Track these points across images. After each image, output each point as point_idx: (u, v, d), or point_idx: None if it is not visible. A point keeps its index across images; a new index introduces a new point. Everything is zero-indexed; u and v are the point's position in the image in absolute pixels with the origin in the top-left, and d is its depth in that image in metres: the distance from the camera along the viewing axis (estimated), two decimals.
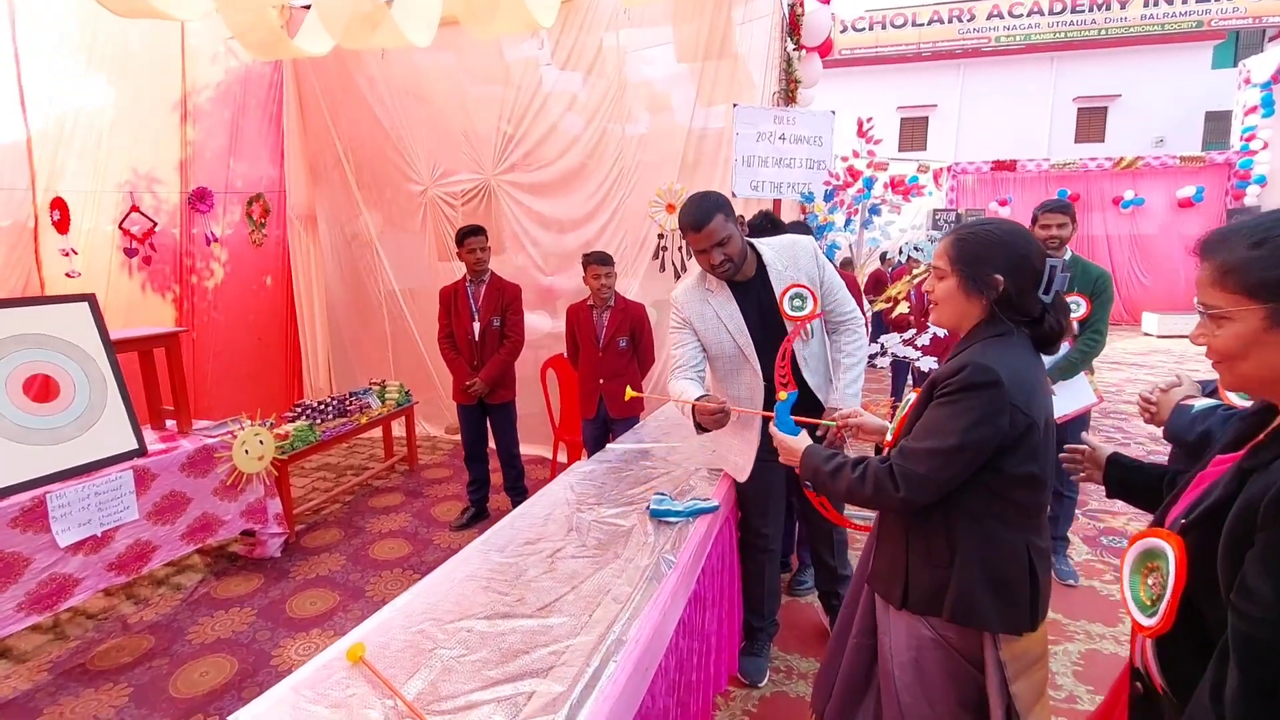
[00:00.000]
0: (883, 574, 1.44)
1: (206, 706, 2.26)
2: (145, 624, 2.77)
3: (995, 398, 1.20)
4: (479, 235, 3.45)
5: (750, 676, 2.38)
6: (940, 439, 1.24)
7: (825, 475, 1.46)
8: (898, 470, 1.30)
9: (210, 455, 3.01)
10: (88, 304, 2.80)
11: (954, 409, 1.24)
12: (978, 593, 1.27)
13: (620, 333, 3.36)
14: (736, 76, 3.83)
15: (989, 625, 1.27)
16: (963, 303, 1.32)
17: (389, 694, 1.22)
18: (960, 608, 1.28)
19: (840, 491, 1.42)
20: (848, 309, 2.23)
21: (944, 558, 1.30)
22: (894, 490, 1.29)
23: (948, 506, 1.29)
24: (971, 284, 1.30)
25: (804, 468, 1.52)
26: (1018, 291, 1.28)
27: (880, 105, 17.47)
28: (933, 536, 1.32)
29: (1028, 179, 13.14)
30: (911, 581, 1.35)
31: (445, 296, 3.59)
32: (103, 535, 2.58)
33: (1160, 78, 16.53)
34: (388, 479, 4.48)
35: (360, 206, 5.04)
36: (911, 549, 1.36)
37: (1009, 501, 1.27)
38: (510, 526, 1.99)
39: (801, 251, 2.15)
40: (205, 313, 4.54)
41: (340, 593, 3.00)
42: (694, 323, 2.18)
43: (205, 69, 4.34)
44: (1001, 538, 1.27)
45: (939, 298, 1.36)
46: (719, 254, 2.00)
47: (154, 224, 4.10)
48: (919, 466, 1.27)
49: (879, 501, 1.35)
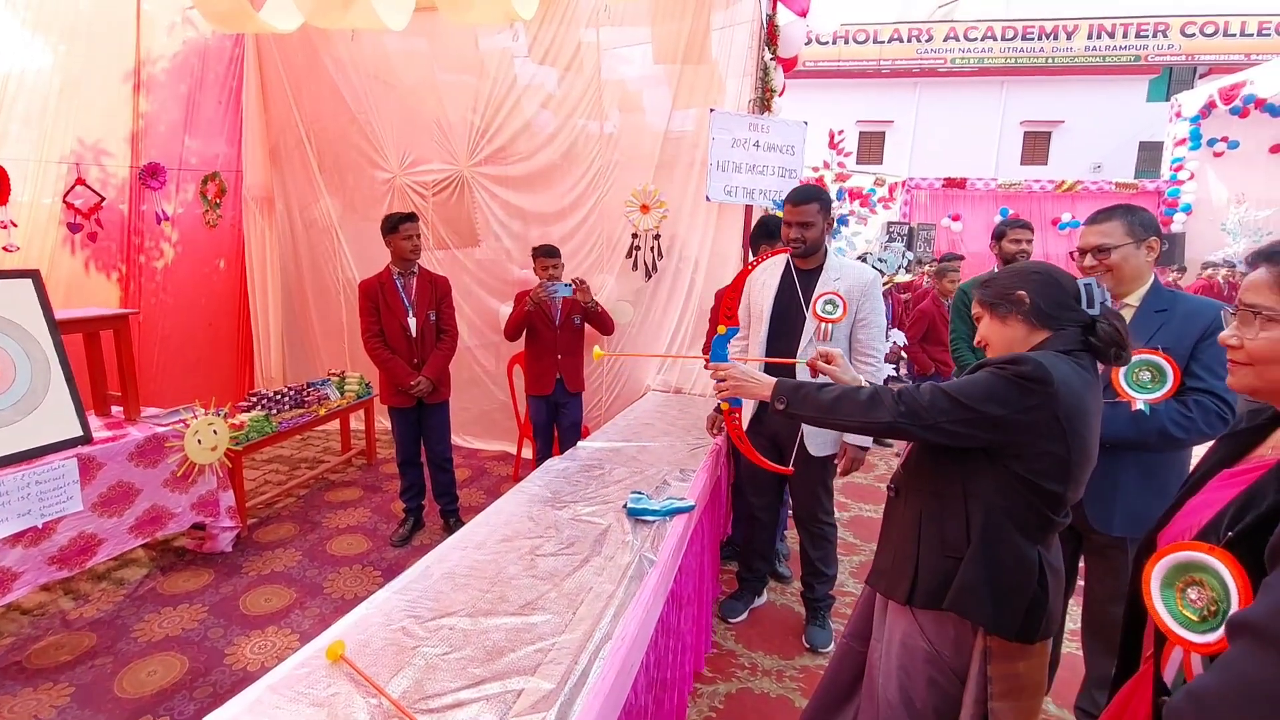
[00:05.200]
0: (886, 569, 1.43)
1: (156, 707, 2.16)
2: (86, 620, 2.62)
3: (1038, 393, 1.19)
4: (415, 221, 3.25)
5: (725, 612, 2.79)
6: (960, 390, 1.26)
7: (810, 387, 1.44)
8: (905, 392, 1.31)
9: (160, 444, 2.87)
10: (31, 281, 2.64)
11: (994, 379, 1.24)
12: (981, 588, 1.26)
13: (575, 311, 3.61)
14: (711, 82, 3.87)
15: (983, 621, 1.27)
16: (1001, 329, 1.36)
17: (373, 692, 1.20)
18: (960, 599, 1.28)
19: (825, 401, 1.40)
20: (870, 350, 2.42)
21: (959, 547, 1.31)
22: (890, 404, 1.31)
23: (969, 493, 1.30)
24: (999, 308, 1.35)
25: (781, 387, 1.48)
26: (1049, 303, 1.30)
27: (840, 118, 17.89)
28: (949, 525, 1.32)
29: (976, 196, 13.70)
30: (921, 572, 1.35)
31: (370, 291, 3.26)
32: (44, 527, 2.43)
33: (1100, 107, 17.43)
34: (344, 473, 4.35)
35: (321, 191, 4.88)
36: (924, 538, 1.36)
37: (1029, 509, 1.26)
38: (486, 524, 1.97)
39: (862, 278, 2.43)
40: (153, 294, 4.31)
41: (297, 589, 2.90)
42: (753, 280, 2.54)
43: (161, 39, 4.12)
44: (1016, 541, 1.27)
45: (984, 338, 1.41)
46: (796, 230, 2.38)
47: (101, 198, 3.88)
48: (924, 398, 1.28)
49: (869, 412, 1.33)
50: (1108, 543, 1.84)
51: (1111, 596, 1.87)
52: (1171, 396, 1.68)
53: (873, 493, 4.35)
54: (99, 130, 3.88)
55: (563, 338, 3.62)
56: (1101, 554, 1.89)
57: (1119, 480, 1.78)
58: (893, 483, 1.50)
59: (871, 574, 1.51)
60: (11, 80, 3.40)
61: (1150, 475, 1.77)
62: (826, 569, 2.66)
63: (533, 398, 3.71)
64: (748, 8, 3.67)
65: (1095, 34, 16.84)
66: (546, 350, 3.62)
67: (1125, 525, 1.79)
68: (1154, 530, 1.03)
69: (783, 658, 2.56)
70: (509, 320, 3.64)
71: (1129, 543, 1.80)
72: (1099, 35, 16.84)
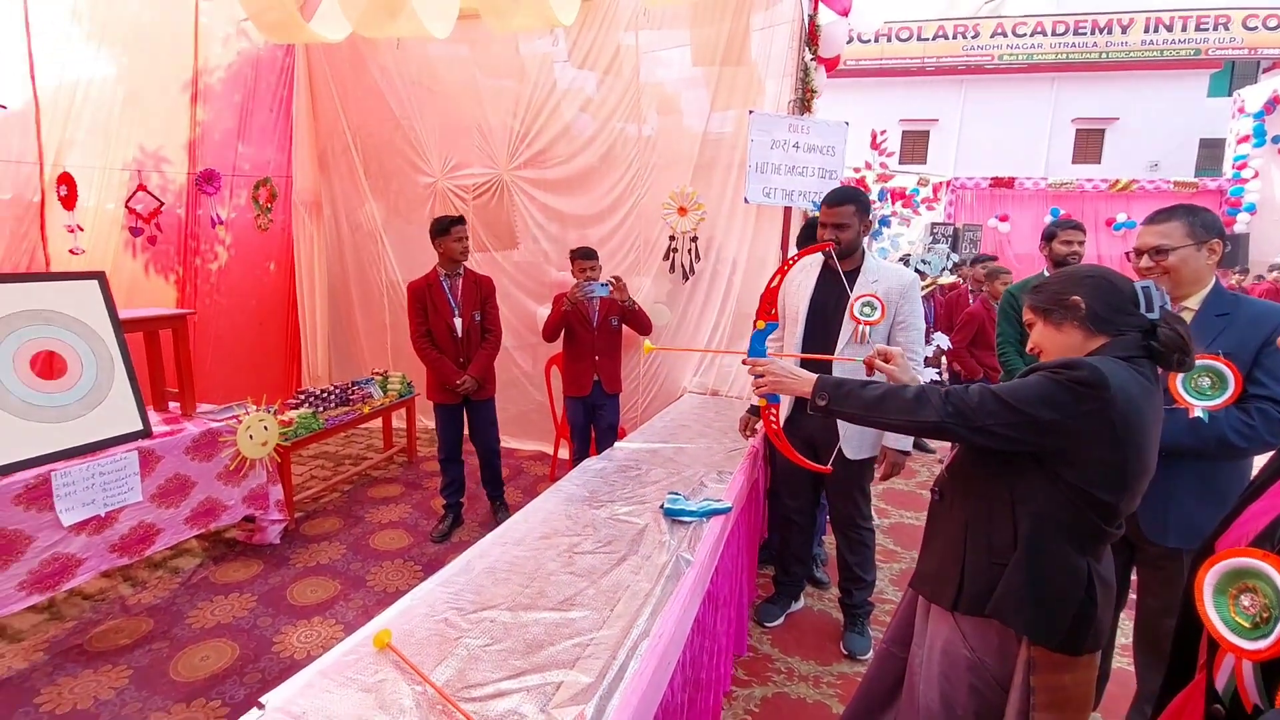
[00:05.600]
0: (931, 574, 1.40)
1: (208, 691, 2.25)
2: (144, 607, 2.74)
3: (1093, 398, 1.15)
4: (464, 224, 3.37)
5: (762, 616, 2.76)
6: (1009, 393, 1.22)
7: (852, 385, 1.41)
8: (953, 392, 1.27)
9: (215, 439, 2.99)
10: (97, 282, 2.78)
11: (1046, 383, 1.20)
12: (1025, 595, 1.24)
13: (613, 312, 3.63)
14: (750, 83, 3.86)
15: (1025, 628, 1.24)
16: (1055, 336, 1.32)
17: (418, 680, 1.23)
18: (1003, 605, 1.25)
19: (870, 398, 1.36)
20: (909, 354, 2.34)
21: (1006, 554, 1.27)
22: (938, 403, 1.27)
23: (1016, 499, 1.27)
24: (1054, 314, 1.32)
25: (823, 383, 1.45)
26: (1106, 308, 1.26)
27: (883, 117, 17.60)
28: (997, 530, 1.29)
29: (1025, 196, 13.30)
30: (967, 578, 1.31)
31: (418, 291, 3.37)
32: (106, 516, 2.56)
33: (1157, 103, 16.78)
34: (386, 469, 4.46)
35: (366, 195, 5.02)
36: (970, 545, 1.33)
37: (1081, 518, 1.23)
38: (525, 521, 2.00)
39: (901, 280, 2.42)
40: (208, 295, 4.49)
41: (341, 582, 2.99)
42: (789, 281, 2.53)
43: (217, 50, 4.30)
44: (1064, 551, 1.23)
45: (1037, 345, 1.37)
46: (831, 232, 2.39)
47: (160, 203, 4.06)
48: (973, 399, 1.24)
49: (915, 411, 1.29)
50: (1162, 554, 1.77)
51: (1165, 610, 1.80)
52: (1232, 404, 1.61)
53: (914, 499, 4.26)
54: (159, 138, 4.06)
55: (600, 339, 3.64)
56: (1155, 566, 1.82)
57: (1175, 490, 1.71)
58: (937, 486, 1.47)
59: (915, 578, 1.48)
60: (79, 91, 3.59)
61: (1208, 485, 1.69)
62: (865, 575, 2.61)
63: (570, 399, 3.74)
64: (788, 8, 3.65)
65: (1152, 27, 16.23)
66: (584, 352, 3.65)
67: (1180, 536, 1.72)
68: (1212, 537, 1.00)
69: (820, 663, 2.52)
70: (547, 321, 3.68)
71: (1185, 554, 1.72)
72: (1156, 29, 16.21)
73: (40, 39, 3.39)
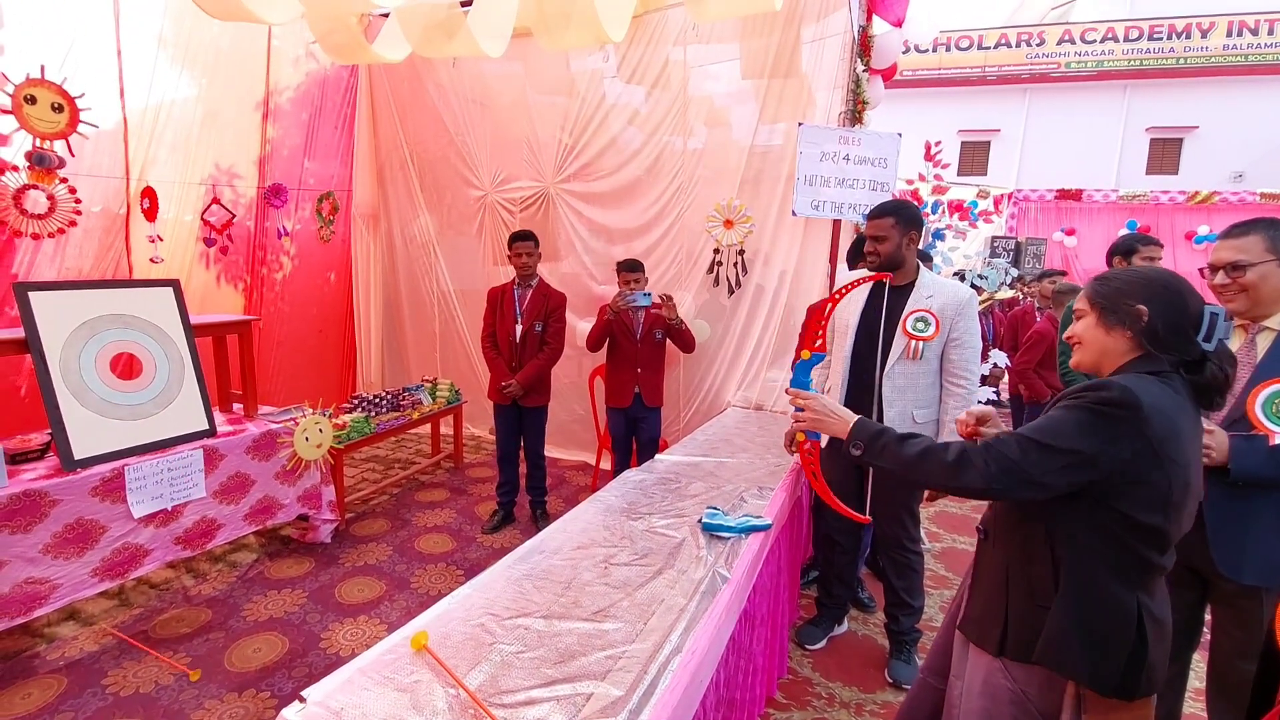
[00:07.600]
0: (978, 617, 1.34)
1: (259, 682, 2.34)
2: (204, 598, 2.88)
3: (1127, 419, 1.10)
4: (528, 240, 3.54)
5: (803, 638, 2.71)
6: (1047, 434, 1.16)
7: (890, 438, 1.35)
8: (992, 448, 1.20)
9: (274, 440, 3.13)
10: (172, 289, 2.95)
11: (1075, 413, 1.15)
12: (1071, 638, 1.17)
13: (657, 325, 3.65)
14: (800, 95, 3.83)
15: (1075, 675, 1.17)
16: (1102, 337, 1.25)
17: (452, 683, 1.25)
18: (1049, 651, 1.19)
19: (907, 456, 1.30)
20: (963, 372, 2.32)
21: (1048, 596, 1.21)
22: (981, 466, 1.19)
23: (1055, 539, 1.21)
24: (1111, 316, 1.24)
25: (857, 431, 1.41)
26: (1167, 327, 1.19)
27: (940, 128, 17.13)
28: (1037, 573, 1.23)
29: (1094, 209, 12.70)
30: (1011, 623, 1.25)
31: (493, 297, 3.67)
32: (173, 510, 2.70)
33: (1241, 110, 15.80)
34: (433, 475, 4.57)
35: (421, 208, 5.20)
36: (1012, 588, 1.27)
37: (1126, 549, 1.16)
38: (563, 530, 2.01)
39: (957, 296, 2.35)
40: (272, 303, 4.72)
41: (387, 582, 3.07)
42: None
43: (287, 71, 4.54)
44: (1109, 588, 1.17)
45: (1078, 336, 1.30)
46: (870, 244, 2.37)
47: (232, 216, 4.30)
48: (1013, 452, 1.17)
49: (957, 475, 1.21)
50: (1238, 591, 1.64)
51: (1241, 651, 1.67)
52: None
53: (967, 524, 4.10)
54: (232, 155, 4.31)
55: (643, 351, 3.66)
56: (1230, 604, 1.69)
57: (1252, 523, 1.59)
58: (982, 524, 1.41)
59: (962, 620, 1.41)
60: (163, 112, 3.84)
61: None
62: (912, 600, 2.52)
63: (611, 410, 3.77)
64: (840, 20, 3.61)
65: (1235, 31, 15.33)
66: (626, 363, 3.67)
67: (1258, 574, 1.60)
68: None
69: (863, 690, 2.44)
70: (591, 331, 3.72)
71: (1263, 593, 1.60)
72: (1240, 32, 15.31)
73: (130, 63, 3.65)
